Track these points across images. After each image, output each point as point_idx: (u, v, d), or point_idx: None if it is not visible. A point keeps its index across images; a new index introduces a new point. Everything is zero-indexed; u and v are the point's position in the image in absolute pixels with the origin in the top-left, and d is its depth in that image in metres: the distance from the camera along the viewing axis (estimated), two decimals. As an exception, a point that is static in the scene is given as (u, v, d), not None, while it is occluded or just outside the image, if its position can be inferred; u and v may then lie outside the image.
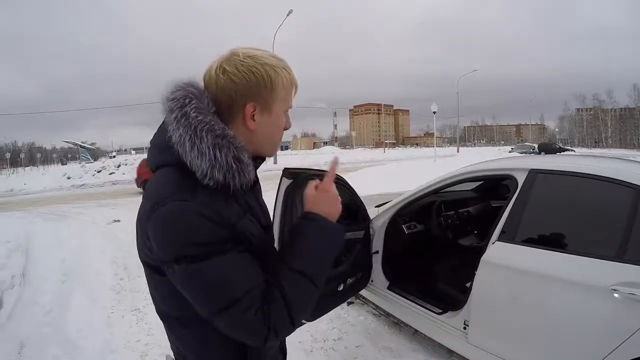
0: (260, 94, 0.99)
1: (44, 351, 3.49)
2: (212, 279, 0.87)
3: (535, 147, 41.23)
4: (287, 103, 1.05)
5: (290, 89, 1.05)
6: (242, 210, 0.98)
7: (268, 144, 1.07)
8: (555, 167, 2.53)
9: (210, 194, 0.90)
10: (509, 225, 2.48)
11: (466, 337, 2.64)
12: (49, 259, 6.29)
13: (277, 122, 1.05)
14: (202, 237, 0.87)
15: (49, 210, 13.67)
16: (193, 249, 0.86)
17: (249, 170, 0.96)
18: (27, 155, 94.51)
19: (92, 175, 28.47)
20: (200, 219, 0.87)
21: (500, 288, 2.43)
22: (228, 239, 0.89)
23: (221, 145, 0.91)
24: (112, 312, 4.33)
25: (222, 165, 0.90)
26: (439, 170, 4.46)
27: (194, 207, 0.87)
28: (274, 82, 0.99)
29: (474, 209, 4.15)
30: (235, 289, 0.87)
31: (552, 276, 2.18)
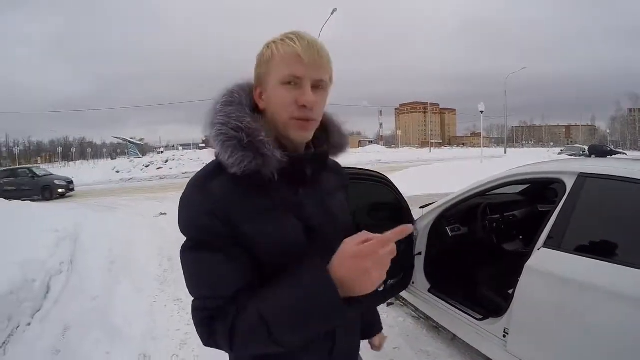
0: (258, 74, 1.00)
1: (87, 335, 3.64)
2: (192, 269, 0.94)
3: (586, 150, 39.55)
4: (282, 74, 0.95)
5: (285, 59, 0.95)
6: (270, 205, 0.95)
7: (278, 123, 0.98)
8: (606, 172, 2.39)
9: (231, 184, 0.92)
10: (556, 232, 2.37)
11: (505, 345, 2.55)
12: (97, 248, 6.52)
13: (274, 97, 0.97)
14: (196, 227, 0.92)
15: (97, 202, 14.24)
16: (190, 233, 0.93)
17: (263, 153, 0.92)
18: (78, 150, 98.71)
19: (140, 170, 29.48)
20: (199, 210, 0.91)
21: (544, 296, 2.32)
22: (220, 236, 0.90)
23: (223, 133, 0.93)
24: (155, 301, 4.47)
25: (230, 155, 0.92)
26: (486, 171, 4.35)
27: (201, 198, 0.91)
28: (263, 57, 0.99)
29: (520, 212, 4.02)
30: (201, 287, 0.93)
31: (599, 287, 2.06)
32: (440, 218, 3.43)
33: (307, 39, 0.95)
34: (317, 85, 0.96)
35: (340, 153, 1.16)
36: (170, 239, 7.27)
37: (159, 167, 30.09)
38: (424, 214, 3.48)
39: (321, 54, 0.96)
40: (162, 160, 32.10)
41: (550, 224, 2.42)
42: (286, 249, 0.95)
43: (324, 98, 1.00)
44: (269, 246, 0.93)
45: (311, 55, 0.93)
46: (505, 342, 2.55)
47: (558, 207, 2.43)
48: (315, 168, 1.05)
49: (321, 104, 0.99)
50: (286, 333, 0.84)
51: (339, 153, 1.16)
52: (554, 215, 2.43)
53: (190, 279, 0.94)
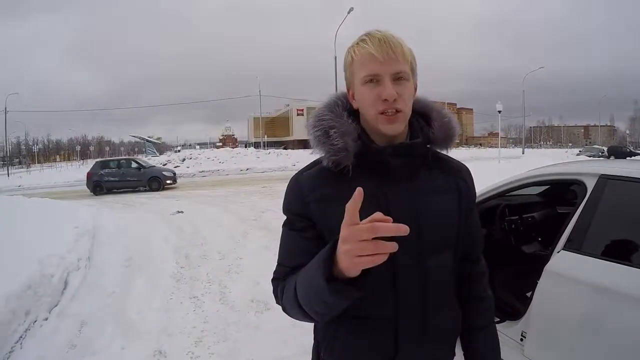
0: (346, 78, 1.11)
1: (103, 330, 3.70)
2: (281, 240, 1.12)
3: (605, 150, 39.01)
4: (361, 75, 1.02)
5: (362, 61, 1.02)
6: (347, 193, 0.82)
7: (369, 118, 1.05)
8: (629, 174, 2.35)
9: (318, 174, 1.07)
10: (576, 234, 2.33)
11: (522, 349, 2.51)
12: (114, 245, 6.63)
13: (360, 96, 1.05)
14: (286, 208, 1.11)
15: (115, 200, 14.44)
16: (284, 212, 1.12)
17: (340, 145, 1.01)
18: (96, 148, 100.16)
19: (157, 168, 29.66)
20: (292, 192, 1.09)
21: (564, 300, 2.28)
22: (300, 217, 1.06)
23: (317, 126, 1.06)
24: (171, 298, 4.50)
25: (318, 141, 1.04)
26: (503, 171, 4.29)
27: (292, 184, 1.10)
28: (346, 62, 1.09)
29: (539, 214, 3.96)
30: (280, 255, 1.11)
31: (621, 292, 2.00)
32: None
33: (377, 36, 1.00)
34: (398, 77, 1.00)
35: (444, 147, 1.15)
36: (187, 237, 7.34)
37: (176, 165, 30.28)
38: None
39: (394, 48, 0.99)
40: (179, 159, 32.40)
41: (570, 226, 2.38)
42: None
43: (408, 88, 1.03)
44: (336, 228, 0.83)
45: (385, 52, 0.98)
46: (523, 346, 2.51)
47: (579, 209, 2.39)
48: (406, 161, 1.05)
49: (405, 94, 1.01)
50: (303, 303, 0.93)
51: (442, 147, 1.15)
52: (575, 217, 2.38)
53: (280, 247, 1.12)
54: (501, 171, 11.17)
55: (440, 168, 1.14)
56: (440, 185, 1.11)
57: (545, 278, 2.37)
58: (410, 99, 1.04)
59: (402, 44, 1.02)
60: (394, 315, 1.02)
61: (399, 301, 1.02)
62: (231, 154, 33.95)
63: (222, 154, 33.86)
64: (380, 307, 1.02)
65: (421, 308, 1.05)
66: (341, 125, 1.03)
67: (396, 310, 1.02)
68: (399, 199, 1.02)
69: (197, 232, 7.74)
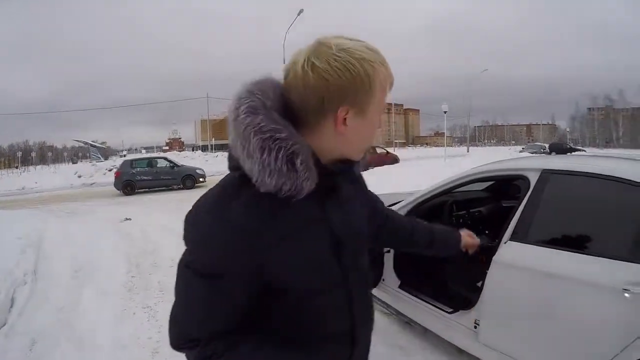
0: (356, 96, 0.86)
1: (56, 346, 3.54)
2: (190, 292, 0.88)
3: (546, 147, 40.89)
4: (383, 104, 0.93)
5: (386, 87, 0.91)
6: (298, 225, 0.87)
7: (357, 148, 0.95)
8: (568, 167, 2.51)
9: (255, 207, 0.83)
10: (521, 226, 2.47)
11: (477, 336, 2.63)
12: (61, 255, 6.37)
13: (371, 126, 0.93)
14: (209, 257, 0.85)
15: (60, 208, 13.84)
16: (200, 259, 0.86)
17: (306, 176, 0.84)
18: (38, 154, 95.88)
19: (103, 174, 28.68)
20: (216, 241, 0.83)
21: (512, 287, 2.42)
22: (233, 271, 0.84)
23: (270, 148, 0.81)
24: (124, 309, 4.36)
25: (273, 170, 0.81)
26: (450, 169, 4.44)
27: (219, 226, 0.83)
28: (372, 82, 0.86)
29: (486, 209, 4.13)
30: (193, 313, 0.88)
31: (563, 276, 2.17)
32: (409, 216, 3.48)
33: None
34: None
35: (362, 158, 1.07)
36: (137, 244, 7.16)
37: (123, 171, 29.47)
38: (392, 212, 3.50)
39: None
40: (125, 164, 31.47)
41: (515, 218, 2.52)
42: (316, 269, 0.91)
43: None
44: (297, 270, 0.88)
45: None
46: (477, 333, 2.63)
47: (523, 202, 2.53)
48: (344, 178, 1.01)
49: None
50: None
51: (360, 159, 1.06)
52: (519, 210, 2.52)
53: (182, 299, 0.90)
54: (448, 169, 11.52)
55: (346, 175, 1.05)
56: (353, 192, 1.07)
57: (493, 268, 2.49)
58: None
59: None
60: (350, 327, 1.01)
61: (353, 313, 1.01)
62: (178, 157, 33.20)
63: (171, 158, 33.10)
64: (338, 324, 0.99)
65: (367, 311, 1.08)
66: (303, 148, 0.85)
67: (352, 322, 1.01)
68: (336, 215, 0.95)
69: (147, 239, 7.54)
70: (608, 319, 1.99)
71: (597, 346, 2.02)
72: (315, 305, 0.92)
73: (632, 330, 1.89)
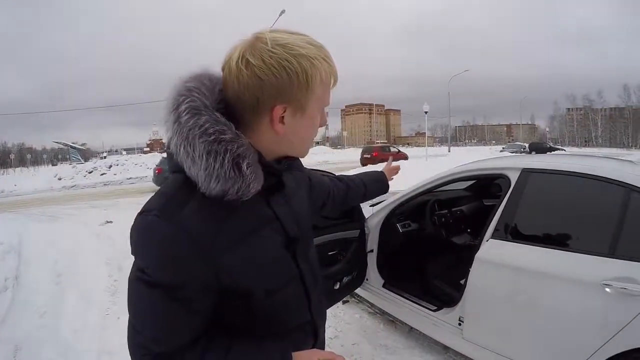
0: (293, 94, 0.83)
1: (39, 354, 3.48)
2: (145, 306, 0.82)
3: (526, 147, 41.51)
4: (325, 101, 0.89)
5: (328, 84, 0.88)
6: (249, 226, 0.86)
7: (298, 146, 0.92)
8: (547, 166, 2.58)
9: (206, 211, 0.81)
10: (502, 223, 2.52)
11: (461, 333, 2.67)
12: (42, 260, 6.25)
13: (311, 124, 0.90)
14: (160, 268, 0.79)
15: (40, 212, 13.59)
16: (152, 272, 0.80)
17: (253, 178, 0.81)
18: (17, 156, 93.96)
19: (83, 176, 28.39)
20: (167, 251, 0.78)
21: (494, 284, 2.47)
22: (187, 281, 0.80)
23: (216, 152, 0.78)
24: (108, 313, 4.31)
25: (219, 175, 0.78)
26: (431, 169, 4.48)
27: (170, 234, 0.78)
28: (310, 79, 0.82)
29: (467, 207, 4.19)
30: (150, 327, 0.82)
31: (545, 272, 2.24)
32: (391, 215, 3.51)
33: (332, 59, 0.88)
34: None
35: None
36: (119, 247, 7.06)
37: (103, 172, 29.10)
38: (374, 212, 3.55)
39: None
40: (105, 166, 31.04)
41: (496, 216, 2.57)
42: (273, 269, 0.90)
43: None
44: (254, 273, 0.86)
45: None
46: (461, 330, 2.68)
47: (503, 201, 2.58)
48: (288, 175, 1.00)
49: None
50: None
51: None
52: (500, 209, 2.58)
53: (139, 314, 0.83)
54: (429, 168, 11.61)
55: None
56: (294, 184, 1.06)
57: (476, 265, 2.54)
58: None
59: None
60: (310, 317, 1.03)
61: (311, 304, 1.02)
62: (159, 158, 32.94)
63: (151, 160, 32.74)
64: (300, 316, 1.00)
65: (319, 299, 1.09)
66: (248, 150, 0.82)
67: (311, 312, 1.02)
68: (284, 211, 0.94)
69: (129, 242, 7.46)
70: (589, 314, 2.05)
71: (580, 340, 2.08)
72: (278, 302, 0.92)
73: (613, 324, 1.95)
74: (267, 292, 0.88)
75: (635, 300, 1.90)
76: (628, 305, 1.91)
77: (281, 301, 0.93)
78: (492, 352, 2.47)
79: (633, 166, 2.41)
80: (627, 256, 2.00)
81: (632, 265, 1.96)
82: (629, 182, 2.14)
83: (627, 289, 1.91)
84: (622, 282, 1.94)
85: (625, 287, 1.92)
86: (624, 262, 1.99)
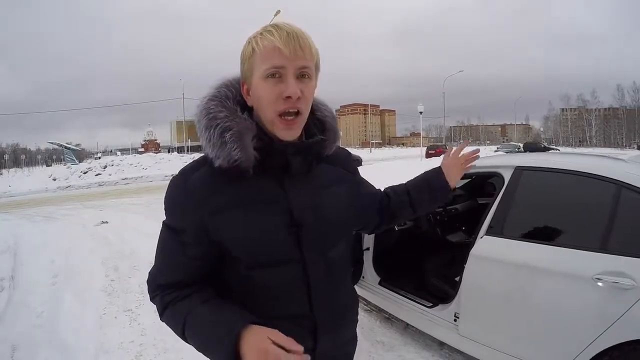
0: (242, 71, 1.00)
1: (37, 354, 3.47)
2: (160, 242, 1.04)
3: (521, 147, 41.52)
4: (263, 68, 0.93)
5: (265, 54, 0.93)
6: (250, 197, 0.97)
7: (265, 121, 0.98)
8: (540, 164, 2.61)
9: (211, 176, 0.96)
10: (496, 220, 2.56)
11: (457, 329, 2.70)
12: (38, 261, 6.25)
13: (258, 92, 0.95)
14: (171, 213, 1.00)
15: (35, 212, 13.53)
16: (166, 215, 1.01)
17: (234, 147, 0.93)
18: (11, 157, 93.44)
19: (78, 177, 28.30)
20: (179, 197, 0.97)
21: (489, 280, 2.51)
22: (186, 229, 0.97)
23: (211, 126, 0.95)
24: (105, 313, 4.31)
25: (212, 144, 0.95)
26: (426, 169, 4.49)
27: (180, 188, 0.97)
28: (245, 53, 0.98)
29: (462, 206, 4.22)
30: (158, 259, 1.05)
31: (538, 268, 2.27)
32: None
33: (286, 29, 0.93)
34: (302, 73, 0.94)
35: (334, 142, 1.12)
36: (114, 248, 7.06)
37: (98, 173, 29.00)
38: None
39: (302, 43, 0.93)
40: (100, 166, 30.94)
41: (490, 213, 2.61)
42: (264, 245, 0.97)
43: (311, 87, 0.98)
44: (242, 240, 0.96)
45: (292, 46, 0.91)
46: (457, 326, 2.70)
47: (497, 198, 2.62)
48: (306, 159, 1.02)
49: (308, 94, 0.96)
50: (193, 345, 0.95)
51: (333, 143, 1.11)
52: (494, 206, 2.61)
53: (157, 249, 1.05)
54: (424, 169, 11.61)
55: (329, 161, 1.12)
56: (332, 178, 1.11)
57: (470, 262, 2.57)
58: (311, 99, 1.00)
59: (310, 40, 0.96)
60: (309, 310, 1.03)
61: (311, 297, 1.03)
62: (155, 159, 32.88)
63: (145, 160, 32.74)
64: (295, 306, 1.02)
65: (331, 299, 1.07)
66: (238, 125, 0.95)
67: (310, 306, 1.03)
68: (299, 197, 1.00)
69: (125, 242, 7.43)
70: (582, 308, 2.09)
71: (572, 334, 2.11)
72: (265, 279, 0.99)
73: (605, 317, 1.99)
74: (253, 263, 0.98)
75: (627, 293, 1.93)
76: (620, 298, 1.95)
77: (269, 280, 1.00)
78: (488, 347, 2.50)
79: (625, 164, 2.44)
80: (619, 251, 2.04)
81: (623, 259, 2.01)
82: (620, 179, 2.18)
83: (619, 283, 1.95)
84: (613, 276, 1.98)
85: (616, 281, 1.96)
86: (616, 256, 2.03)
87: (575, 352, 2.08)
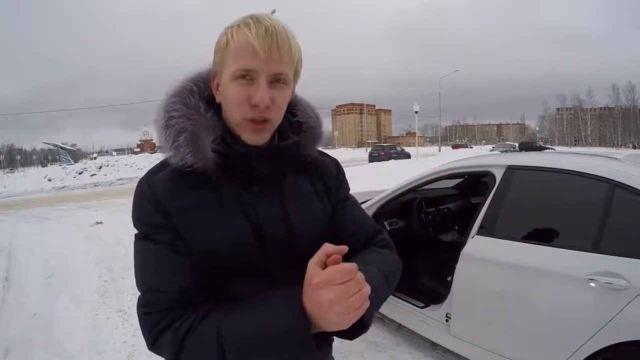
0: (215, 62, 0.90)
1: (30, 355, 3.47)
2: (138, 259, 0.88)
3: (516, 146, 41.62)
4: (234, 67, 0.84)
5: (238, 50, 0.84)
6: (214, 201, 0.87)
7: (231, 122, 0.89)
8: (531, 163, 2.62)
9: (173, 178, 0.87)
10: (488, 220, 2.56)
11: (449, 329, 2.71)
12: (33, 261, 6.23)
13: (226, 91, 0.86)
14: (139, 219, 0.88)
15: (30, 213, 13.48)
16: (135, 224, 0.89)
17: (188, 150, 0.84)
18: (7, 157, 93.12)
19: (73, 177, 28.21)
20: (144, 200, 0.86)
21: (480, 280, 2.51)
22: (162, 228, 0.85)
23: (167, 125, 0.87)
24: (98, 314, 4.31)
25: (168, 146, 0.87)
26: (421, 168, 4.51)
27: (144, 190, 0.87)
28: (219, 43, 0.88)
29: (454, 205, 4.23)
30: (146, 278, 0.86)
31: (530, 268, 2.27)
32: (378, 213, 3.54)
33: (265, 24, 0.83)
34: (277, 79, 0.85)
35: (313, 146, 1.02)
36: (109, 248, 7.05)
37: (93, 173, 28.94)
38: (362, 210, 3.56)
39: (281, 45, 0.83)
40: (95, 167, 30.88)
41: (482, 213, 2.61)
42: (226, 249, 0.86)
43: (285, 95, 0.88)
44: (204, 244, 0.85)
45: (268, 46, 0.81)
46: (449, 326, 2.71)
47: (489, 198, 2.62)
48: (279, 164, 0.93)
49: (280, 102, 0.87)
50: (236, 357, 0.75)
51: (311, 146, 1.01)
52: (485, 205, 2.61)
53: (137, 270, 0.88)
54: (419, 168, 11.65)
55: (307, 169, 1.01)
56: (308, 189, 1.00)
57: (462, 262, 2.57)
58: (284, 107, 0.90)
59: (291, 41, 0.86)
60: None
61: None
62: (150, 159, 32.65)
63: (141, 160, 32.53)
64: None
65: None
66: (196, 125, 0.86)
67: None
68: (268, 206, 0.90)
69: (119, 243, 7.40)
70: (574, 309, 2.09)
71: (565, 335, 2.12)
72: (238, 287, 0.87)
73: (598, 318, 1.99)
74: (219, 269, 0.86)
75: (620, 294, 1.93)
76: (613, 299, 1.95)
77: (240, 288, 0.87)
78: (479, 347, 2.50)
79: (619, 163, 2.44)
80: (612, 251, 2.04)
81: (616, 260, 2.00)
82: (614, 178, 2.18)
83: (612, 284, 1.95)
84: (606, 276, 1.97)
85: (610, 282, 1.96)
86: (609, 257, 2.03)
87: (567, 353, 2.08)
